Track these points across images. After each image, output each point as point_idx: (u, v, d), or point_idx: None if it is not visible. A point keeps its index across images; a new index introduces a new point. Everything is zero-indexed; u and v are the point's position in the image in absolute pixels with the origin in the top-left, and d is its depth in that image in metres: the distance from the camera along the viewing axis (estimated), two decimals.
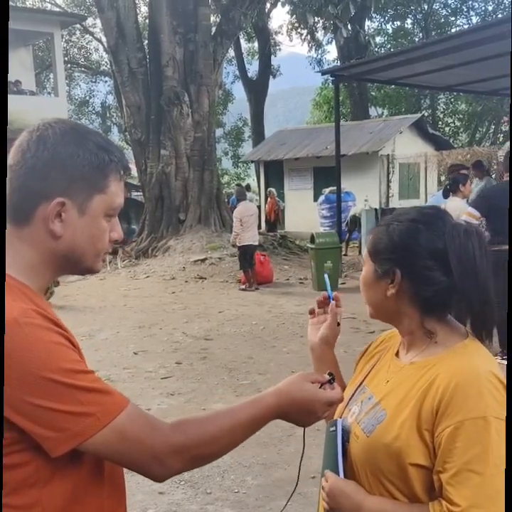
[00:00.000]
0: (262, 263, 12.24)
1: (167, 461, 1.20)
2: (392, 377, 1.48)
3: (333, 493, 1.43)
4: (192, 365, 6.91)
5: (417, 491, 1.34)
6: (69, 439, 1.11)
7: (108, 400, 1.16)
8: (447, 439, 1.27)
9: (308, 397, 1.34)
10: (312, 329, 1.70)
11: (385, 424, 1.39)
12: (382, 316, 1.51)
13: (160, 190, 16.55)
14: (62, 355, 1.13)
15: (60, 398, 1.10)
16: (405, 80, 12.90)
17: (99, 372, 6.68)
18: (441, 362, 1.37)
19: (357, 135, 20.26)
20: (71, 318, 9.85)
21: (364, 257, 1.52)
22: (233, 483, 4.19)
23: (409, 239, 1.40)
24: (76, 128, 1.27)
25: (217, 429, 1.25)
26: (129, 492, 3.85)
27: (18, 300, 1.15)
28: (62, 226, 1.22)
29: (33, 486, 1.15)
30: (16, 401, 1.09)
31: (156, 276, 13.82)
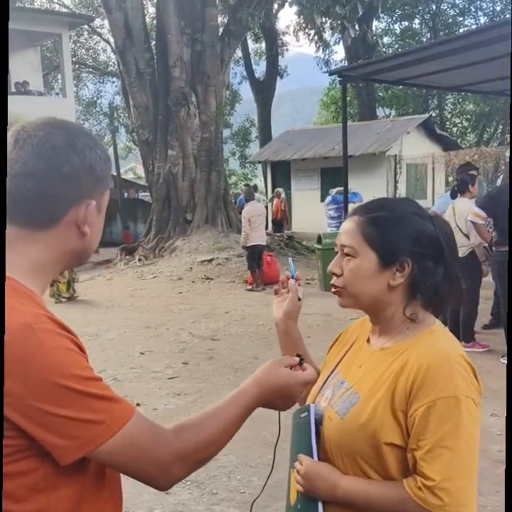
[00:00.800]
0: (269, 263, 12.24)
1: (171, 469, 1.20)
2: (363, 362, 1.54)
3: (309, 476, 1.47)
4: (198, 365, 6.92)
5: (391, 470, 1.40)
6: (79, 448, 1.11)
7: (117, 408, 1.15)
8: (420, 418, 1.34)
9: (286, 382, 1.37)
10: (277, 307, 1.77)
11: (358, 406, 1.44)
12: (367, 305, 1.53)
13: (167, 191, 16.58)
14: (74, 362, 1.13)
15: (72, 405, 1.10)
16: (413, 81, 12.85)
17: (106, 372, 6.72)
18: (412, 347, 1.44)
19: (364, 135, 20.23)
20: (78, 317, 9.88)
21: (356, 247, 1.48)
22: (239, 483, 4.18)
23: (414, 228, 1.46)
24: (85, 130, 1.31)
25: (214, 430, 1.26)
26: (136, 492, 3.86)
27: (28, 304, 1.14)
28: (88, 225, 1.26)
29: (41, 492, 1.15)
30: (28, 408, 1.08)
31: (162, 277, 13.85)
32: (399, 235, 1.45)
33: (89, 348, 6.53)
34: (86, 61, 32.51)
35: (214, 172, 16.71)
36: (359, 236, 1.48)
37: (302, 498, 1.51)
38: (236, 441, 4.62)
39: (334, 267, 1.53)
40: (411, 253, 1.44)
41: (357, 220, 1.50)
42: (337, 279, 1.52)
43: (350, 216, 1.54)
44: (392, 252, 1.45)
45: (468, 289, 6.84)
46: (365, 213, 1.51)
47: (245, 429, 4.58)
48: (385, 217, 1.48)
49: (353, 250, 1.48)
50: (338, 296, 1.55)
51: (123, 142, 34.25)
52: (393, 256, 1.45)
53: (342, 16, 15.31)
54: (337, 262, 1.53)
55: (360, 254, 1.48)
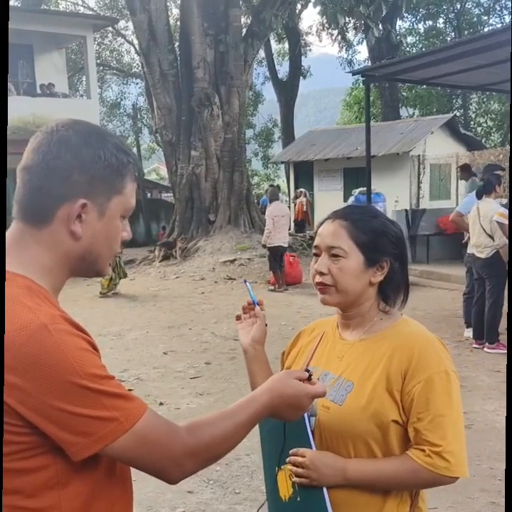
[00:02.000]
0: (291, 264, 12.23)
1: (184, 464, 1.23)
2: (343, 354, 1.67)
3: (315, 465, 1.54)
4: (221, 365, 6.94)
5: (393, 445, 1.55)
6: (93, 444, 1.13)
7: (130, 405, 1.17)
8: (419, 393, 1.51)
9: (296, 393, 1.39)
10: (243, 333, 1.85)
11: (354, 392, 1.57)
12: (352, 301, 1.66)
13: (190, 191, 16.65)
14: (89, 361, 1.14)
15: (87, 403, 1.12)
16: (437, 80, 12.75)
17: (129, 372, 6.77)
18: (393, 335, 1.62)
19: (387, 136, 20.12)
20: (102, 317, 9.97)
21: (346, 248, 1.61)
22: (262, 483, 4.18)
23: (390, 231, 1.65)
24: (95, 129, 1.28)
25: (225, 430, 1.28)
26: (158, 491, 3.90)
27: (44, 305, 1.16)
28: (82, 227, 1.23)
29: (53, 488, 1.17)
30: (43, 405, 1.10)
31: (185, 277, 13.91)
32: (383, 239, 1.63)
33: (113, 347, 6.63)
34: (110, 63, 32.77)
35: (237, 172, 16.74)
36: (347, 238, 1.62)
37: (302, 490, 1.56)
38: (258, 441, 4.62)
39: (321, 266, 1.64)
40: (389, 254, 1.63)
41: (341, 223, 1.64)
42: (325, 278, 1.63)
43: (331, 220, 1.68)
44: (376, 253, 1.62)
45: (493, 290, 6.78)
46: (347, 218, 1.65)
47: None
48: (369, 222, 1.64)
49: (342, 251, 1.61)
50: (323, 293, 1.65)
51: (146, 143, 34.46)
52: (377, 257, 1.62)
53: (366, 16, 15.26)
54: (323, 262, 1.64)
55: (349, 255, 1.61)
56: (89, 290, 12.92)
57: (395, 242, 1.65)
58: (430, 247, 13.15)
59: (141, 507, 3.92)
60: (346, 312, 1.69)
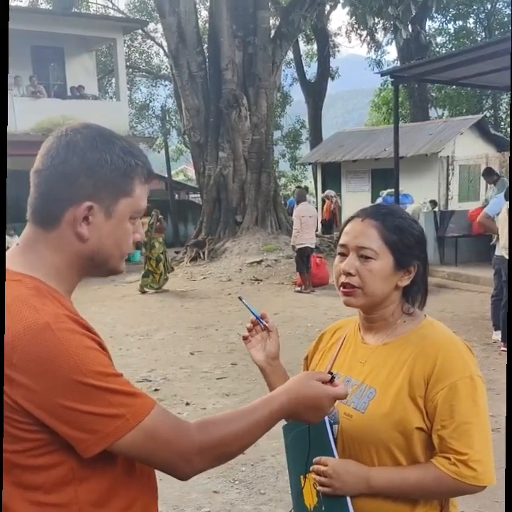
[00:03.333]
0: (318, 265, 12.20)
1: (193, 460, 1.23)
2: (366, 359, 1.63)
3: (338, 473, 1.52)
4: (247, 366, 6.94)
5: (418, 453, 1.51)
6: (100, 441, 1.15)
7: (137, 402, 1.19)
8: (443, 400, 1.46)
9: (316, 393, 1.37)
10: (254, 351, 1.76)
11: (377, 398, 1.54)
12: (378, 304, 1.61)
13: (217, 192, 16.70)
14: (93, 359, 1.16)
15: (92, 400, 1.13)
16: (467, 80, 12.64)
17: (156, 371, 6.83)
18: (417, 338, 1.57)
19: (416, 137, 19.95)
20: (129, 317, 10.06)
21: (377, 249, 1.56)
22: (287, 484, 4.15)
23: (421, 235, 1.63)
24: (102, 133, 1.29)
25: (238, 428, 1.28)
26: (184, 490, 3.92)
27: (50, 304, 1.18)
28: (89, 229, 1.25)
29: (69, 485, 1.20)
30: (50, 404, 1.12)
31: (212, 278, 13.96)
32: (412, 241, 1.59)
33: (140, 347, 6.70)
34: (139, 65, 33.03)
35: (264, 174, 16.75)
36: (381, 240, 1.57)
37: (326, 499, 1.54)
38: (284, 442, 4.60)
39: (349, 266, 1.58)
40: (418, 257, 1.60)
41: (372, 223, 1.58)
42: (352, 278, 1.58)
43: (360, 219, 1.61)
44: (406, 256, 1.58)
45: None
46: (379, 218, 1.59)
47: None
48: (401, 224, 1.59)
49: (373, 252, 1.56)
50: (349, 295, 1.60)
51: (174, 144, 34.65)
52: (407, 260, 1.58)
53: (394, 17, 15.17)
54: (351, 262, 1.58)
55: (380, 256, 1.56)
56: (116, 290, 13.05)
57: (421, 244, 1.62)
58: (459, 249, 13.02)
59: (166, 506, 3.95)
60: (369, 315, 1.65)
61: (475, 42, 28.25)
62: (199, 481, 4.30)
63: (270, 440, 4.87)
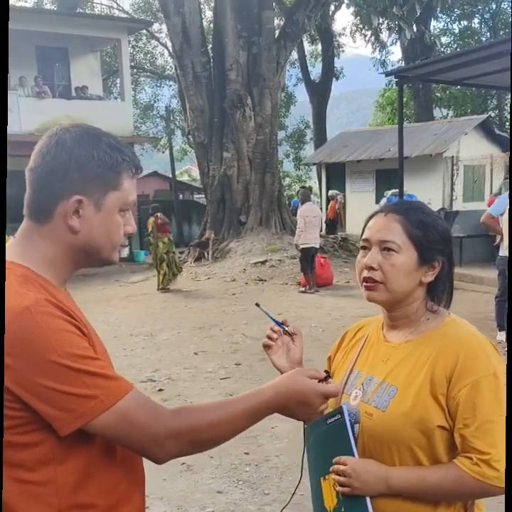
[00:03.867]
0: (323, 265, 12.20)
1: (165, 444, 1.27)
2: (388, 357, 1.60)
3: (357, 473, 1.49)
4: (251, 367, 6.95)
5: (439, 452, 1.48)
6: (75, 419, 1.21)
7: (112, 385, 1.24)
8: (465, 398, 1.43)
9: (304, 389, 1.39)
10: (276, 358, 1.71)
11: (398, 397, 1.51)
12: (400, 299, 1.58)
13: (222, 193, 16.71)
14: (70, 342, 1.22)
15: (67, 381, 1.19)
16: (472, 81, 12.60)
17: (160, 371, 6.83)
18: (440, 335, 1.54)
19: (421, 137, 19.92)
20: (133, 318, 10.07)
21: (400, 244, 1.54)
22: (291, 484, 4.19)
23: (447, 230, 1.61)
24: (90, 131, 1.36)
25: (215, 417, 1.32)
26: (188, 490, 3.93)
27: (34, 291, 1.24)
28: (80, 221, 1.33)
29: (49, 464, 1.25)
30: (29, 382, 1.18)
31: (216, 278, 13.97)
32: (436, 236, 1.57)
33: (145, 347, 6.70)
34: (144, 65, 33.06)
35: (268, 174, 16.75)
36: (404, 234, 1.54)
37: (346, 500, 1.51)
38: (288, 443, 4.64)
39: (371, 260, 1.55)
40: (442, 253, 1.57)
41: (396, 217, 1.56)
42: (374, 273, 1.55)
43: (383, 213, 1.59)
44: (430, 251, 1.55)
45: None
46: (403, 213, 1.57)
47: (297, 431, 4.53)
48: (426, 219, 1.57)
49: (396, 246, 1.54)
50: (371, 290, 1.58)
51: (179, 145, 34.68)
52: (430, 255, 1.56)
53: (399, 17, 15.16)
54: (374, 256, 1.55)
55: (403, 250, 1.54)
56: (121, 291, 13.08)
57: (446, 241, 1.59)
58: (463, 249, 13.00)
59: (170, 506, 3.96)
60: (392, 312, 1.62)
61: (480, 42, 28.19)
62: (203, 481, 4.30)
63: (274, 441, 4.88)
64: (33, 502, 1.25)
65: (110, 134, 1.40)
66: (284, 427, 4.95)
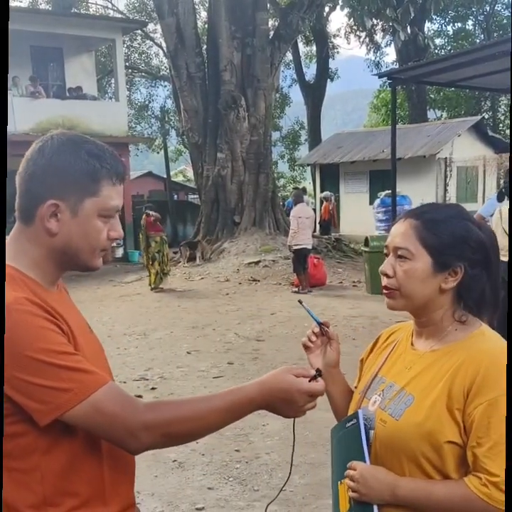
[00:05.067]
0: (316, 266, 12.25)
1: (139, 436, 1.31)
2: (412, 364, 1.55)
3: (365, 478, 1.47)
4: (243, 366, 7.00)
5: (449, 467, 1.42)
6: (51, 411, 1.27)
7: (87, 378, 1.30)
8: (481, 416, 1.36)
9: (286, 387, 1.40)
10: (313, 357, 1.72)
11: (413, 407, 1.47)
12: (419, 308, 1.54)
13: (216, 193, 16.75)
14: (46, 338, 1.28)
15: (42, 374, 1.26)
16: (465, 82, 12.68)
17: (153, 370, 6.86)
18: (464, 347, 1.47)
19: (414, 138, 20.03)
20: (127, 317, 10.09)
21: (413, 250, 1.50)
22: (281, 481, 4.23)
23: (469, 234, 1.50)
24: (73, 138, 1.42)
25: (190, 411, 1.36)
26: (179, 487, 3.98)
27: (18, 290, 1.31)
28: (58, 225, 1.39)
29: (33, 453, 1.32)
30: (8, 376, 1.23)
31: (210, 278, 14.00)
32: (454, 241, 1.49)
33: (138, 346, 6.75)
34: (139, 65, 33.01)
35: (262, 175, 16.80)
36: (415, 239, 1.50)
37: (356, 506, 1.50)
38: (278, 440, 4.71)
39: (387, 267, 1.54)
40: (464, 259, 1.49)
41: (412, 223, 1.52)
42: (389, 280, 1.53)
43: (403, 219, 1.56)
44: (447, 257, 1.49)
45: None
46: (420, 217, 1.53)
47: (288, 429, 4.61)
48: (442, 222, 1.51)
49: (408, 253, 1.50)
50: (388, 298, 1.55)
51: (174, 145, 34.67)
52: (448, 261, 1.49)
53: (392, 19, 15.22)
54: (389, 263, 1.54)
55: (415, 256, 1.50)
56: (115, 290, 13.10)
57: (475, 247, 1.49)
58: None
59: (161, 502, 4.00)
60: (418, 319, 1.58)
61: (474, 44, 28.31)
62: (194, 477, 4.35)
63: (265, 438, 4.93)
64: (20, 489, 1.32)
65: (95, 141, 1.44)
66: (275, 424, 5.00)
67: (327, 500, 3.83)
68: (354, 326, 8.65)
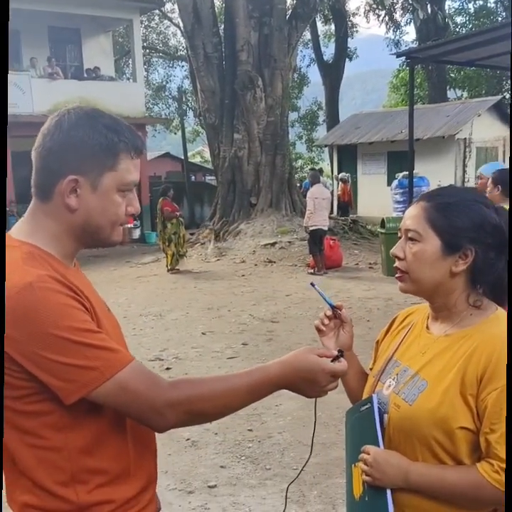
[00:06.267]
0: (332, 247, 12.23)
1: (164, 413, 1.32)
2: (427, 349, 1.55)
3: (378, 463, 1.48)
4: (257, 347, 7.05)
5: (462, 453, 1.42)
6: (77, 390, 1.26)
7: (112, 356, 1.30)
8: (494, 402, 1.36)
9: (310, 367, 1.40)
10: (326, 340, 1.71)
11: (427, 392, 1.47)
12: (430, 291, 1.54)
13: (232, 174, 16.72)
14: (70, 316, 1.27)
15: (67, 353, 1.25)
16: (485, 62, 12.49)
17: (168, 351, 6.94)
18: (479, 332, 1.46)
19: (433, 118, 19.81)
20: (143, 298, 10.18)
21: (421, 232, 1.50)
22: (292, 460, 4.29)
23: (482, 217, 1.47)
24: (90, 113, 1.40)
25: (212, 389, 1.37)
26: (192, 465, 4.05)
27: (38, 267, 1.30)
28: (77, 200, 1.37)
29: (60, 431, 1.33)
30: (33, 354, 1.24)
31: (226, 260, 14.05)
32: (465, 223, 1.47)
33: (153, 327, 6.84)
34: (156, 46, 32.92)
35: (279, 156, 16.73)
36: (424, 221, 1.50)
37: (370, 490, 1.51)
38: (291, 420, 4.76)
39: (397, 250, 1.55)
40: (475, 241, 1.46)
41: (423, 205, 1.52)
42: (400, 263, 1.54)
43: (417, 202, 1.56)
44: (456, 239, 1.47)
45: None
46: (432, 199, 1.53)
47: (301, 409, 4.69)
48: (452, 204, 1.49)
49: (417, 235, 1.50)
50: (400, 281, 1.56)
51: (191, 126, 34.61)
52: (457, 243, 1.47)
53: None
54: (400, 245, 1.54)
55: (424, 238, 1.49)
56: (131, 272, 13.20)
57: (489, 231, 1.46)
58: None
59: (174, 479, 4.07)
60: (432, 303, 1.58)
61: (495, 22, 27.80)
62: (207, 456, 4.42)
63: (277, 418, 4.98)
64: (47, 466, 1.33)
65: (111, 115, 1.42)
66: (287, 405, 5.05)
67: (337, 480, 3.88)
68: (369, 308, 8.65)
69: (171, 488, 3.97)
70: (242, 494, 3.87)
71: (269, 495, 3.84)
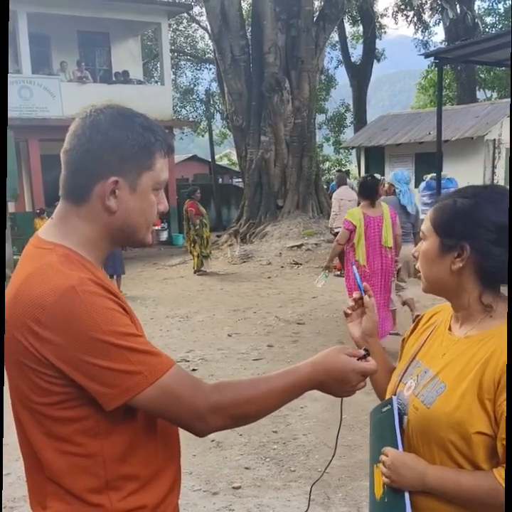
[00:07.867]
0: None
1: (207, 418, 1.31)
2: (447, 350, 1.54)
3: (395, 465, 1.47)
4: (283, 348, 7.04)
5: (479, 457, 1.39)
6: (119, 395, 1.25)
7: (155, 361, 1.28)
8: None
9: (342, 367, 1.41)
10: (352, 326, 1.74)
11: (444, 395, 1.45)
12: (440, 290, 1.56)
13: (259, 176, 16.74)
14: (113, 320, 1.26)
15: (111, 357, 1.23)
16: None
17: (194, 352, 6.97)
18: (499, 335, 1.42)
19: (462, 119, 19.59)
20: (170, 300, 10.24)
21: (425, 231, 1.54)
22: (317, 462, 4.28)
23: (478, 214, 1.45)
24: (123, 112, 1.38)
25: (253, 391, 1.35)
26: (216, 466, 4.06)
27: (77, 270, 1.28)
28: (116, 202, 1.35)
29: (95, 438, 1.31)
30: (74, 359, 1.22)
31: (252, 262, 14.07)
32: (461, 221, 1.46)
33: (180, 328, 6.87)
34: (184, 49, 33.10)
35: (306, 158, 16.71)
36: (429, 221, 1.53)
37: (389, 491, 1.51)
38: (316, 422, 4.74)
39: (415, 249, 1.59)
40: (472, 238, 1.44)
41: (434, 207, 1.56)
42: (417, 262, 1.58)
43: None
44: (451, 236, 1.47)
45: None
46: (439, 200, 1.56)
47: (325, 411, 4.66)
48: (452, 203, 1.49)
49: (423, 234, 1.54)
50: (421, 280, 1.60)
51: (218, 128, 34.72)
52: (452, 240, 1.47)
53: None
54: (418, 245, 1.58)
55: (427, 237, 1.53)
56: (158, 273, 13.29)
57: (482, 225, 1.43)
58: None
59: (199, 480, 4.09)
60: (451, 303, 1.58)
61: None
62: (231, 457, 4.42)
63: (302, 420, 4.97)
64: (81, 473, 1.31)
65: (142, 114, 1.41)
66: (312, 407, 5.03)
67: (362, 482, 3.87)
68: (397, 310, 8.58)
69: (195, 489, 3.99)
70: (266, 496, 3.87)
71: (293, 497, 3.84)
